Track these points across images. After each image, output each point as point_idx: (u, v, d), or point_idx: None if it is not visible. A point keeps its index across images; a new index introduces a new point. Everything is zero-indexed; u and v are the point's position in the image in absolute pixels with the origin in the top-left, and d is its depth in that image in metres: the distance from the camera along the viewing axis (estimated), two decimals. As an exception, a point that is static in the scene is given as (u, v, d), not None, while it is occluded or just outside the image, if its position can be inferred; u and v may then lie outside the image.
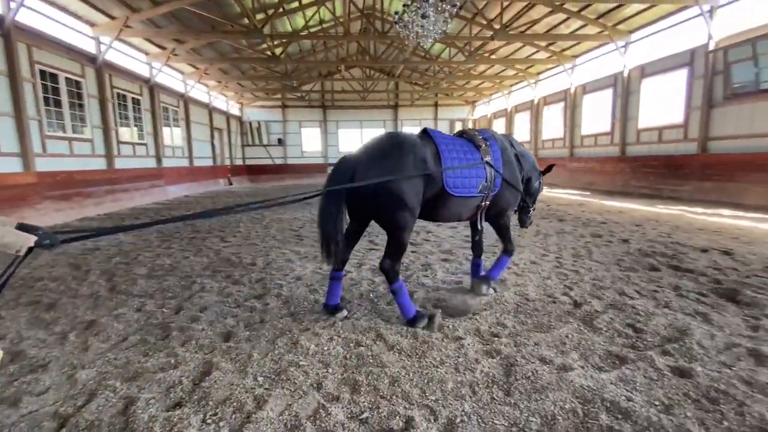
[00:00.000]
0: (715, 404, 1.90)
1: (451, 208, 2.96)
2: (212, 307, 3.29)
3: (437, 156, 2.83)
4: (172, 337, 2.72)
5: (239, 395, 2.02)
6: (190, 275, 4.23)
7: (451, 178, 2.82)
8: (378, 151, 2.73)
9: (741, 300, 3.20)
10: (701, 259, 4.50)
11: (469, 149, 3.01)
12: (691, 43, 10.92)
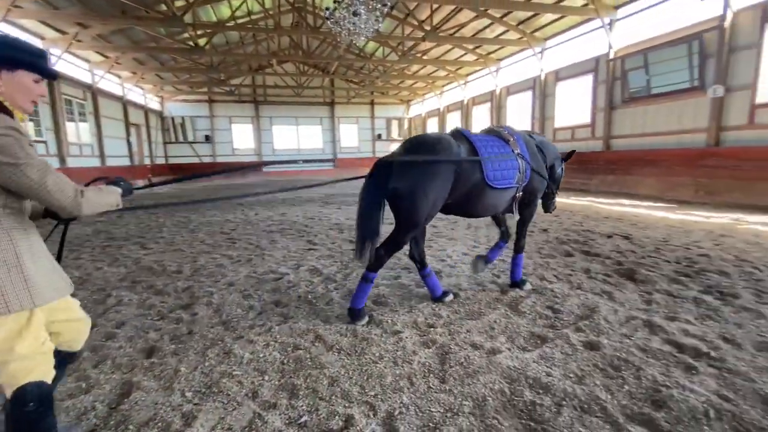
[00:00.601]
0: (618, 371, 2.16)
1: (491, 200, 3.06)
2: (131, 322, 2.99)
3: (474, 153, 2.92)
4: (83, 359, 2.43)
5: (164, 414, 1.87)
6: (104, 288, 3.80)
7: (491, 171, 2.92)
8: (414, 153, 2.80)
9: (637, 278, 3.68)
10: (607, 244, 5.09)
11: (500, 143, 3.13)
12: (595, 51, 12.24)
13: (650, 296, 3.23)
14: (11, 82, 1.31)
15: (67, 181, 1.33)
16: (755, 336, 2.50)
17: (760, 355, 2.28)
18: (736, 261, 4.19)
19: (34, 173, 1.25)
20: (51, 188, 1.27)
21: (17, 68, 1.31)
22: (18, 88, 1.32)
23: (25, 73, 1.33)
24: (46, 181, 1.27)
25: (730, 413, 1.77)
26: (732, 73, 8.44)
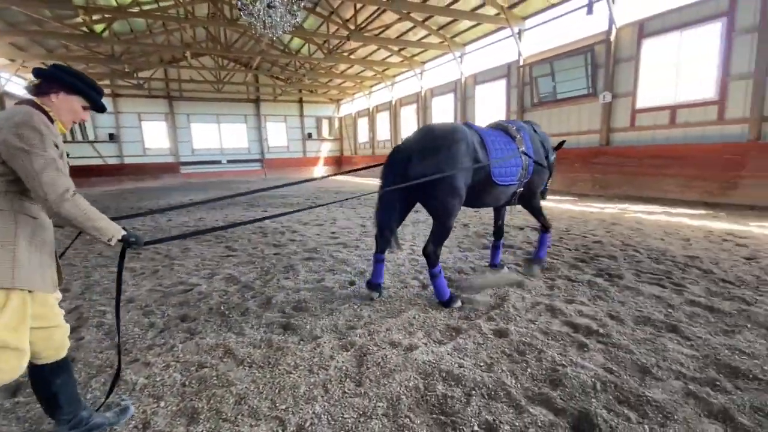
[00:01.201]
0: (522, 355, 2.30)
1: (494, 194, 3.19)
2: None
3: (483, 145, 2.99)
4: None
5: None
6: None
7: (497, 168, 3.01)
8: (431, 140, 2.82)
9: (543, 266, 4.00)
10: (519, 235, 5.49)
11: (507, 140, 3.21)
12: (507, 58, 13.22)
13: (553, 282, 3.53)
14: (65, 102, 1.56)
15: (64, 180, 1.42)
16: (635, 312, 2.84)
17: (638, 329, 2.59)
18: (622, 246, 4.77)
19: (38, 164, 1.37)
20: (44, 180, 1.37)
21: (76, 94, 1.58)
22: (68, 108, 1.58)
23: (79, 99, 1.60)
24: (43, 174, 1.37)
25: (614, 384, 1.97)
26: (617, 81, 9.66)
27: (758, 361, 2.15)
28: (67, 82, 1.55)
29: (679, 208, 7.51)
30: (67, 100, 1.56)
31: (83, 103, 1.62)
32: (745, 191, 7.31)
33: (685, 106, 8.44)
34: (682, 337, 2.45)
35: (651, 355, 2.23)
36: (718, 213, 6.93)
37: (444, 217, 2.94)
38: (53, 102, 1.54)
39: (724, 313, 2.78)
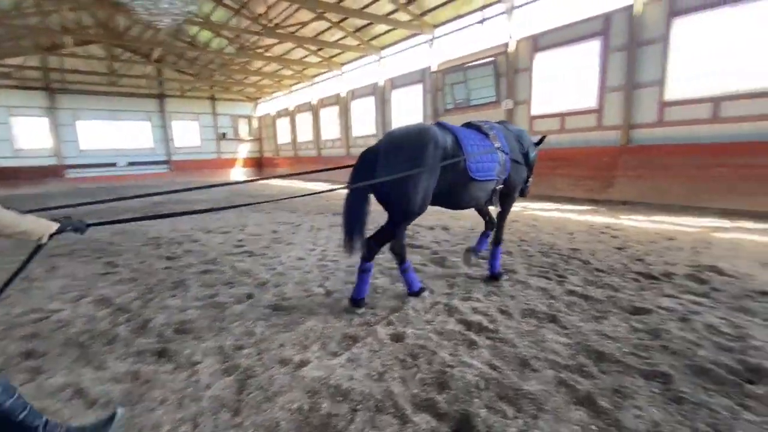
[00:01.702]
0: (415, 359, 2.27)
1: (472, 192, 3.12)
2: None
3: (457, 144, 2.94)
4: None
5: None
6: None
7: (473, 164, 2.97)
8: (398, 141, 2.80)
9: (447, 264, 4.11)
10: (428, 235, 5.63)
11: (480, 137, 3.19)
12: (422, 64, 13.71)
13: (453, 280, 3.63)
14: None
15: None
16: (522, 305, 3.01)
17: (524, 322, 2.74)
18: (519, 242, 5.14)
19: None
20: None
21: None
22: None
23: None
24: None
25: (496, 381, 2.02)
26: (517, 90, 10.55)
27: (620, 344, 2.38)
28: None
29: (568, 205, 8.40)
30: None
31: None
32: (619, 188, 8.44)
33: (572, 113, 9.50)
34: (560, 326, 2.65)
35: (532, 347, 2.36)
36: (599, 208, 7.88)
37: (399, 219, 2.90)
38: None
39: (596, 300, 3.07)
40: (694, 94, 7.53)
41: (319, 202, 10.27)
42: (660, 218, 6.62)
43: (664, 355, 2.24)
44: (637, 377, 2.04)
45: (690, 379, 2.01)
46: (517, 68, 10.44)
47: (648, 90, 8.09)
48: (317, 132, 20.33)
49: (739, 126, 7.05)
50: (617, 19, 8.33)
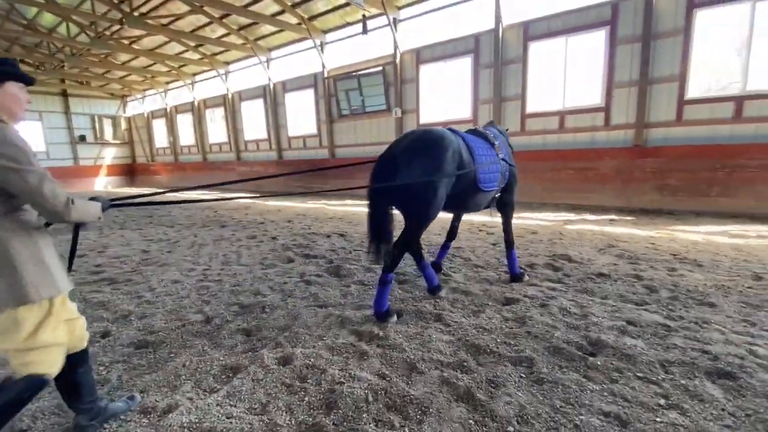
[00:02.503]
0: (303, 382, 2.15)
1: (477, 200, 3.21)
2: None
3: (470, 153, 2.96)
4: None
5: None
6: None
7: (482, 174, 3.02)
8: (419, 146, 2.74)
9: (342, 273, 4.06)
10: (325, 243, 5.52)
11: (487, 146, 3.23)
12: (314, 68, 13.53)
13: (348, 289, 3.59)
14: (7, 95, 1.48)
15: (61, 190, 1.47)
16: (412, 307, 3.11)
17: (412, 324, 2.82)
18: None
19: (34, 179, 1.40)
20: (47, 195, 1.42)
21: (6, 81, 1.48)
22: (14, 100, 1.50)
23: (12, 84, 1.50)
24: (43, 188, 1.41)
25: (384, 390, 2.02)
26: (405, 99, 11.14)
27: (494, 335, 2.61)
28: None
29: (455, 206, 9.15)
30: (5, 92, 1.49)
31: (18, 85, 1.53)
32: (494, 190, 9.50)
33: (453, 122, 10.39)
34: (444, 324, 2.80)
35: (419, 350, 2.43)
36: (479, 208, 8.73)
37: (419, 224, 2.87)
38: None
39: (475, 295, 3.35)
40: (547, 108, 8.89)
41: (205, 213, 9.34)
42: (526, 215, 7.63)
43: (529, 340, 2.52)
44: (508, 365, 2.25)
45: (548, 360, 2.29)
46: (405, 78, 11.02)
47: (514, 103, 9.28)
48: (202, 135, 18.54)
49: (574, 136, 8.54)
50: (485, 40, 9.39)
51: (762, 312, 2.90)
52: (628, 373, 2.13)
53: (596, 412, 1.82)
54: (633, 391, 1.97)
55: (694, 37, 7.04)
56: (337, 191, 3.54)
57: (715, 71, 7.15)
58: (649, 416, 1.78)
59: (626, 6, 7.56)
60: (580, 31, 8.18)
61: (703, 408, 1.84)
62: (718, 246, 4.86)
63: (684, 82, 7.20)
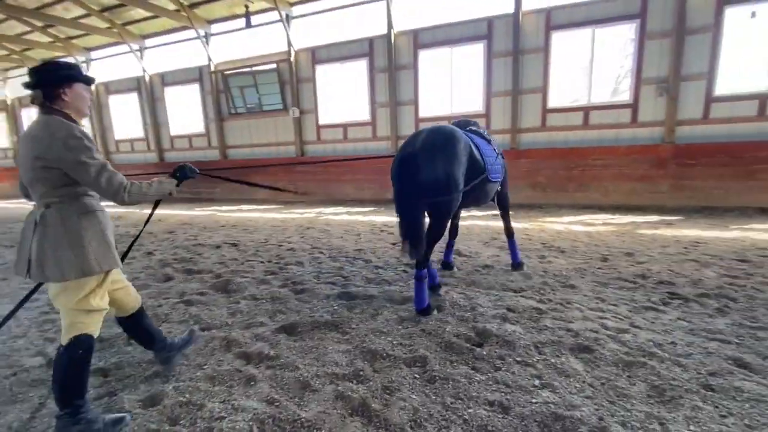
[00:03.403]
0: (175, 424, 1.82)
1: (488, 192, 3.39)
2: None
3: (476, 146, 3.16)
4: None
5: None
6: None
7: (490, 166, 3.22)
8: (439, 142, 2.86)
9: (231, 288, 3.67)
10: (213, 256, 4.98)
11: (485, 142, 3.42)
12: (198, 61, 12.26)
13: (237, 306, 3.25)
14: (75, 95, 1.75)
15: (117, 179, 1.71)
16: (308, 318, 2.93)
17: (308, 337, 2.65)
18: (311, 249, 5.16)
19: (93, 171, 1.65)
20: (103, 185, 1.69)
21: (75, 82, 1.75)
22: (80, 99, 1.77)
23: (79, 85, 1.77)
24: (100, 179, 1.67)
25: (272, 418, 1.82)
26: (303, 99, 10.80)
27: (390, 338, 2.59)
28: (66, 76, 1.71)
29: (357, 207, 9.18)
30: (74, 92, 1.74)
31: (83, 85, 1.78)
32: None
33: (352, 125, 10.42)
34: (341, 333, 2.69)
35: (313, 365, 2.28)
36: (379, 209, 8.91)
37: (446, 218, 3.01)
38: (66, 101, 1.71)
39: (374, 297, 3.32)
40: (437, 113, 9.47)
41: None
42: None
43: (423, 338, 2.57)
44: (403, 367, 2.24)
45: (440, 356, 2.35)
46: (301, 77, 10.69)
47: (408, 107, 9.66)
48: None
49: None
50: (378, 44, 9.61)
51: (609, 289, 3.44)
52: (509, 358, 2.30)
53: (482, 403, 1.91)
54: (513, 376, 2.12)
55: (552, 54, 8.21)
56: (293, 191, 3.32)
57: (568, 86, 8.45)
58: (527, 398, 1.93)
59: (499, 23, 8.46)
60: (463, 42, 8.90)
61: (569, 383, 2.06)
62: (576, 234, 5.70)
63: (546, 93, 8.35)
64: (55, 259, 1.66)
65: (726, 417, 1.77)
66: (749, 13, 6.33)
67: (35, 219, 1.69)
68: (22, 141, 1.69)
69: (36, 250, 1.67)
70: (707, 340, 2.47)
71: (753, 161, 6.88)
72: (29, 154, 1.63)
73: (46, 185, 1.67)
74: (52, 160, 1.62)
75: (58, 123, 1.65)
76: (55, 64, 1.75)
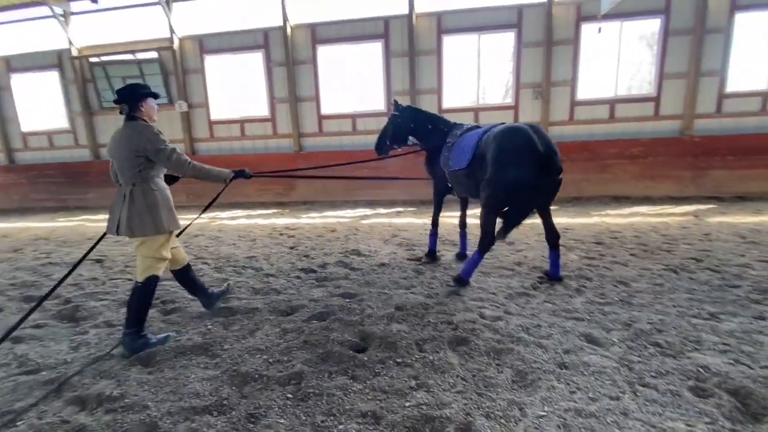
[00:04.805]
0: None
1: None
2: None
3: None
4: None
5: None
6: None
7: None
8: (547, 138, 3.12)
9: (79, 316, 3.05)
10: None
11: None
12: (56, 44, 10.31)
13: (83, 337, 2.70)
14: (149, 107, 2.52)
15: (183, 158, 2.47)
16: (174, 342, 2.55)
17: (167, 365, 2.28)
18: (193, 260, 4.61)
19: (167, 153, 2.41)
20: (173, 162, 2.44)
21: (148, 97, 2.51)
22: (152, 109, 2.56)
23: (151, 99, 2.54)
24: (172, 157, 2.42)
25: (96, 480, 1.47)
26: (191, 91, 9.76)
27: (267, 355, 2.35)
28: (140, 94, 2.47)
29: (258, 210, 8.61)
30: (148, 105, 2.51)
31: (153, 100, 2.56)
32: (299, 191, 9.42)
33: (250, 120, 9.73)
34: (210, 356, 2.38)
35: (167, 401, 1.94)
36: (284, 210, 8.48)
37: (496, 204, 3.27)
38: (143, 110, 2.49)
39: (256, 310, 3.03)
40: (340, 110, 9.33)
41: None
42: (329, 213, 7.83)
43: (303, 351, 2.39)
44: (275, 387, 2.03)
45: (319, 368, 2.19)
46: (187, 68, 9.64)
47: (309, 103, 9.34)
48: None
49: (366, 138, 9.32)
50: (274, 36, 9.11)
51: (490, 278, 3.65)
52: (390, 361, 2.24)
53: (355, 416, 1.80)
54: (390, 380, 2.06)
55: (444, 58, 8.64)
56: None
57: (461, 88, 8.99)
58: (401, 403, 1.87)
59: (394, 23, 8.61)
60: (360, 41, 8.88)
61: (443, 380, 2.06)
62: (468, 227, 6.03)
63: (440, 94, 8.76)
64: (139, 221, 2.39)
65: (574, 392, 1.92)
66: (597, 29, 7.41)
67: (124, 193, 2.42)
68: (116, 139, 2.45)
69: (126, 216, 2.39)
70: (566, 319, 2.73)
71: (606, 157, 8.09)
72: (125, 146, 2.37)
73: (132, 170, 2.40)
74: (141, 150, 2.36)
75: (142, 125, 2.43)
76: (136, 86, 2.51)
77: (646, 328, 2.53)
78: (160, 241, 2.48)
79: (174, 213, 2.54)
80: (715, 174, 7.82)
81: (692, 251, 4.31)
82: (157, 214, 2.41)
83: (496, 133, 3.20)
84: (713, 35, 7.65)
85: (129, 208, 2.37)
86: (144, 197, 2.40)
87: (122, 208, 2.39)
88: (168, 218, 2.47)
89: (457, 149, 3.61)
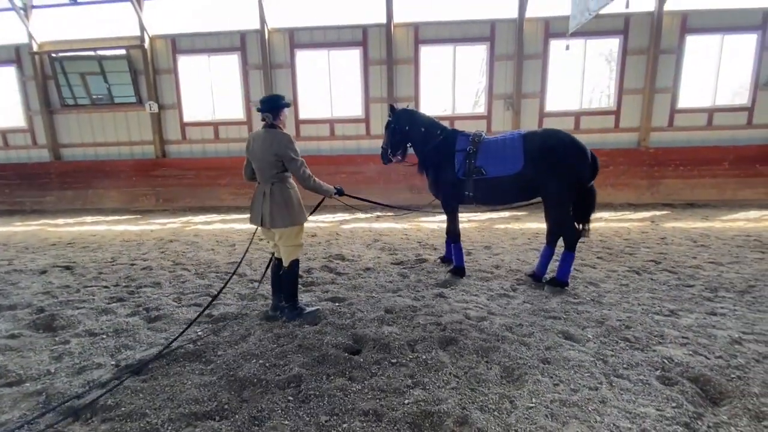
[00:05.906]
0: None
1: None
2: None
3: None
4: None
5: None
6: None
7: None
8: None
9: (57, 325, 2.93)
10: (36, 284, 3.94)
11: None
12: (14, 38, 9.71)
13: (65, 347, 2.60)
14: (284, 116, 2.94)
15: (308, 172, 2.89)
16: (164, 352, 2.52)
17: (161, 373, 2.26)
18: (172, 266, 4.52)
19: (298, 164, 2.82)
20: (300, 173, 2.85)
21: (285, 108, 2.91)
22: (286, 118, 2.97)
23: (287, 109, 2.94)
24: (301, 169, 2.84)
25: (103, 488, 1.47)
26: (162, 92, 9.46)
27: (263, 360, 2.38)
28: (281, 105, 2.87)
29: (233, 215, 8.45)
30: (284, 114, 2.92)
31: (287, 109, 2.95)
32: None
33: (225, 123, 9.55)
34: (204, 363, 2.38)
35: (165, 407, 1.94)
36: (260, 214, 8.35)
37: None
38: (281, 119, 2.91)
39: (246, 317, 3.04)
40: (319, 115, 9.35)
41: None
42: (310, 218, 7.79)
43: (299, 354, 2.43)
44: (275, 391, 2.07)
45: (316, 371, 2.25)
46: (159, 68, 9.35)
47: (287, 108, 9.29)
48: None
49: (344, 143, 9.39)
50: (251, 39, 9.02)
51: (472, 279, 3.82)
52: (385, 362, 2.33)
53: (358, 415, 1.87)
54: (387, 380, 2.15)
55: (421, 67, 8.88)
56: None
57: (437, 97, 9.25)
58: (400, 401, 1.97)
59: (373, 31, 8.77)
60: (339, 47, 8.97)
61: (438, 377, 2.18)
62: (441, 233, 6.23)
63: (417, 103, 8.98)
64: (280, 215, 2.80)
65: (558, 385, 2.09)
66: (565, 46, 7.87)
67: (264, 191, 2.83)
68: (257, 142, 2.81)
69: (269, 210, 2.80)
70: (544, 318, 2.92)
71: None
72: (268, 151, 2.76)
73: (272, 171, 2.80)
74: (280, 154, 2.76)
75: (281, 134, 2.82)
76: (277, 97, 2.88)
77: (616, 324, 2.77)
78: (296, 231, 2.90)
79: (303, 208, 2.94)
80: (668, 183, 8.48)
81: (651, 254, 4.68)
82: (293, 209, 2.83)
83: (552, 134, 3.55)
84: (666, 55, 8.33)
85: (270, 203, 2.79)
86: (282, 195, 2.81)
87: (264, 204, 2.81)
88: (300, 212, 2.89)
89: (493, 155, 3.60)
